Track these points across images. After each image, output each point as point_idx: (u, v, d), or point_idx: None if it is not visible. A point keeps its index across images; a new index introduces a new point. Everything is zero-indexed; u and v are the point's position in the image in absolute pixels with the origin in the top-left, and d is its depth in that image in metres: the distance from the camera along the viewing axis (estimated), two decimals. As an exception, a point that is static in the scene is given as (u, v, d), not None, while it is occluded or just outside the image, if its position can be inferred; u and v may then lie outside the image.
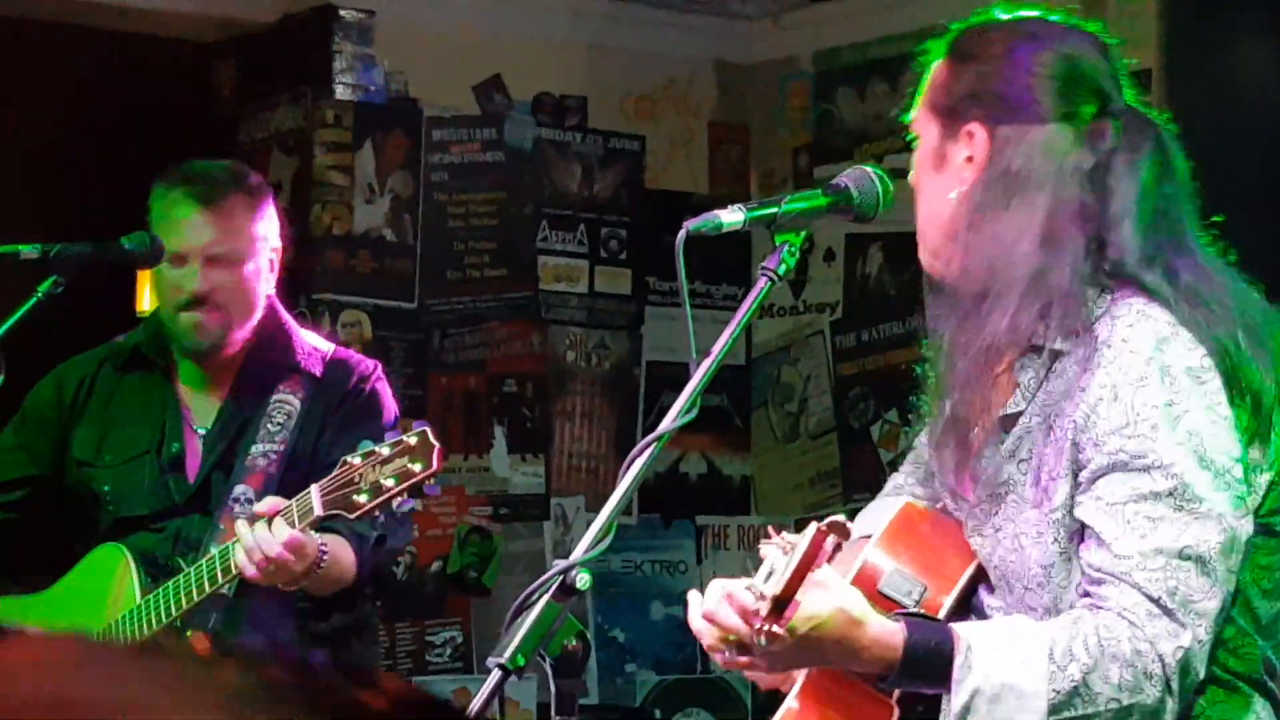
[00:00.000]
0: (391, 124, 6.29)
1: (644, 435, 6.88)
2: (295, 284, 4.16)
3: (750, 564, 2.87)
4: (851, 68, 6.58)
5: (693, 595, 2.69)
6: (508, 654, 2.34)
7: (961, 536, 2.74)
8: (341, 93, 6.19)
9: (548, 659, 2.38)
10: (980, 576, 2.72)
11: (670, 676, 6.62)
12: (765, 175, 6.85)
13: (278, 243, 4.16)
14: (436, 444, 3.55)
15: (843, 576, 2.64)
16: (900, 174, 2.84)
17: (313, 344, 4.19)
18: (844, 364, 6.62)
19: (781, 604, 2.44)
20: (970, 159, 2.70)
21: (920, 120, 2.79)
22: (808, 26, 6.73)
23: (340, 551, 3.86)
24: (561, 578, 2.38)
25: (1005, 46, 2.73)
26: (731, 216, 2.62)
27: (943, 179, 2.73)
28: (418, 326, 6.28)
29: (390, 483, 3.56)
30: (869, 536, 2.83)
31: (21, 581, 4.20)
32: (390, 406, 4.15)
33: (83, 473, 4.15)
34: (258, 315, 4.11)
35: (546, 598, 2.38)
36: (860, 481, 6.45)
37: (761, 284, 2.62)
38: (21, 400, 4.20)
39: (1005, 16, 2.81)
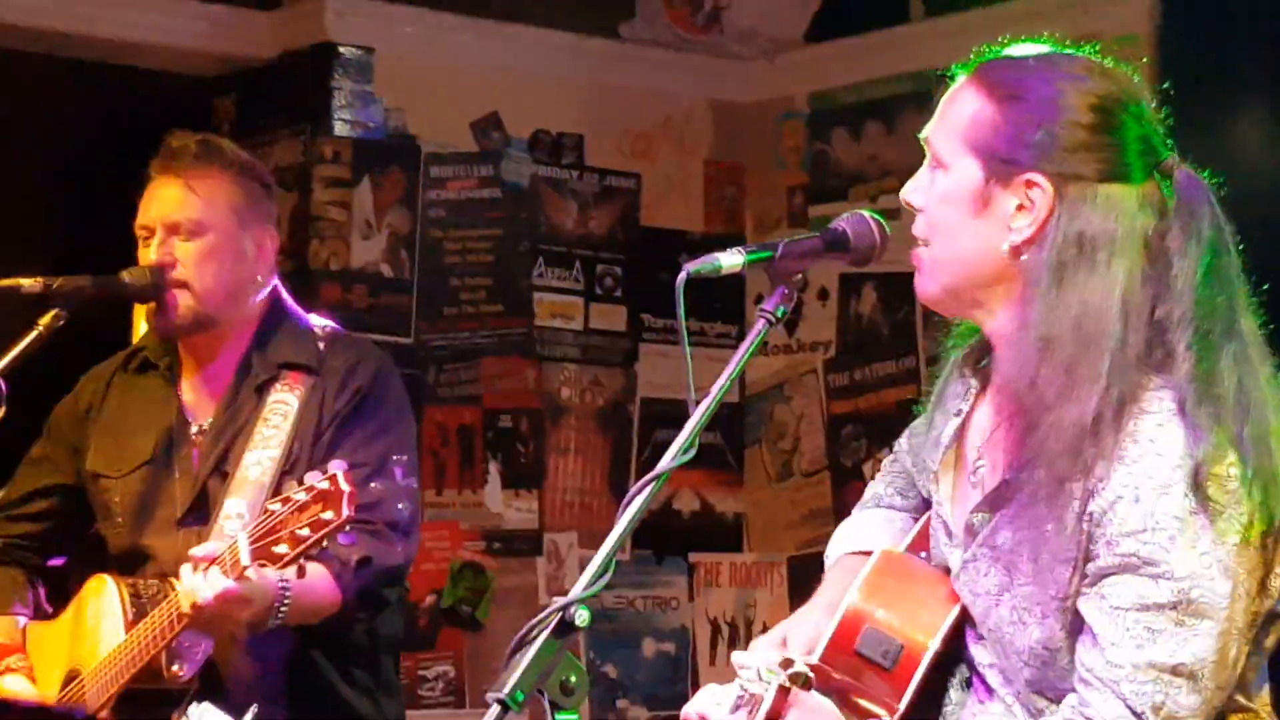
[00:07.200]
0: (389, 160, 6.32)
1: (638, 472, 6.88)
2: (292, 318, 4.21)
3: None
4: (847, 109, 6.61)
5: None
6: (507, 689, 2.35)
7: (940, 583, 2.70)
8: (340, 129, 6.23)
9: (546, 696, 2.39)
10: (962, 620, 2.68)
11: (661, 713, 6.63)
12: (760, 214, 6.88)
13: (269, 225, 3.96)
14: (348, 488, 3.36)
15: (827, 616, 2.71)
16: (894, 214, 2.76)
17: (319, 330, 4.00)
18: (837, 402, 6.64)
19: None
20: (1022, 208, 2.57)
21: (950, 152, 2.63)
22: (804, 67, 6.76)
23: (313, 582, 3.61)
24: (561, 614, 2.39)
25: (1054, 90, 2.57)
26: (731, 259, 2.60)
27: (984, 224, 2.59)
28: (413, 361, 6.30)
29: (305, 532, 3.37)
30: (857, 553, 2.85)
31: (53, 604, 4.07)
32: (393, 403, 3.98)
33: (99, 486, 3.99)
34: (248, 300, 3.91)
35: (545, 634, 2.39)
36: (852, 520, 6.47)
37: (760, 326, 2.60)
38: (22, 432, 4.10)
39: (1041, 51, 2.65)
